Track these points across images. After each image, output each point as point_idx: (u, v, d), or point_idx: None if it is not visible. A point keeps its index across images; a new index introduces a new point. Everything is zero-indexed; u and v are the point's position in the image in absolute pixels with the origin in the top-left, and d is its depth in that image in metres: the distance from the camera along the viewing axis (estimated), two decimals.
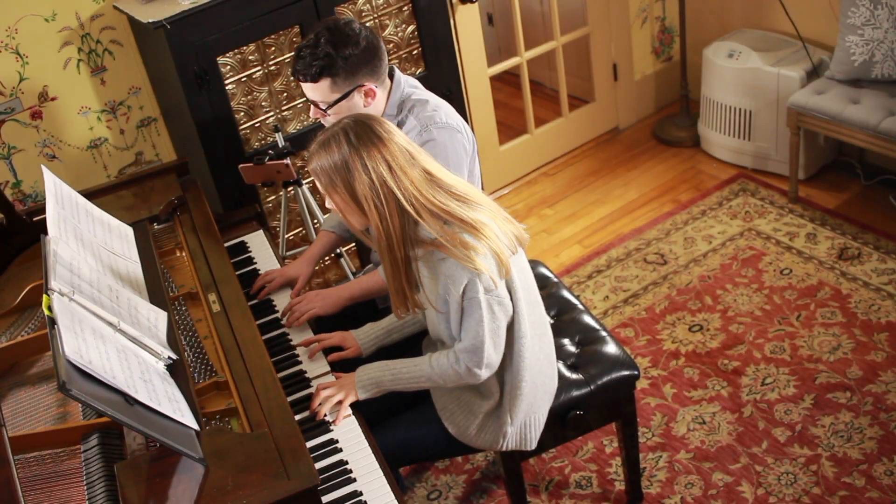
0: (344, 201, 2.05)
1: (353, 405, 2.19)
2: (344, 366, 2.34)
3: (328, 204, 2.11)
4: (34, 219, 2.57)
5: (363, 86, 2.37)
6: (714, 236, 3.77)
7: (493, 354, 2.13)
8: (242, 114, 3.15)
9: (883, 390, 2.96)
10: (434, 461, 3.00)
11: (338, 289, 2.52)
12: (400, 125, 2.45)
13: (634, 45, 4.45)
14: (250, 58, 3.09)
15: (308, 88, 2.39)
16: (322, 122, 2.46)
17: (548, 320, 2.32)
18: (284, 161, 2.95)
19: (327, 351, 2.38)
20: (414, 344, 2.46)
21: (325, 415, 2.16)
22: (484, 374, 2.15)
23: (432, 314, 2.17)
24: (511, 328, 2.16)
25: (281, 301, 2.56)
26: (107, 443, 1.90)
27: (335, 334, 2.37)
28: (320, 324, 2.51)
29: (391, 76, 2.47)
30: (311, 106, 2.44)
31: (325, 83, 2.35)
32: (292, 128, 3.27)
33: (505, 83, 4.78)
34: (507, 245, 2.09)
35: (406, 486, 2.93)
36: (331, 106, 2.38)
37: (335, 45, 2.32)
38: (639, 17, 4.40)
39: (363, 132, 2.01)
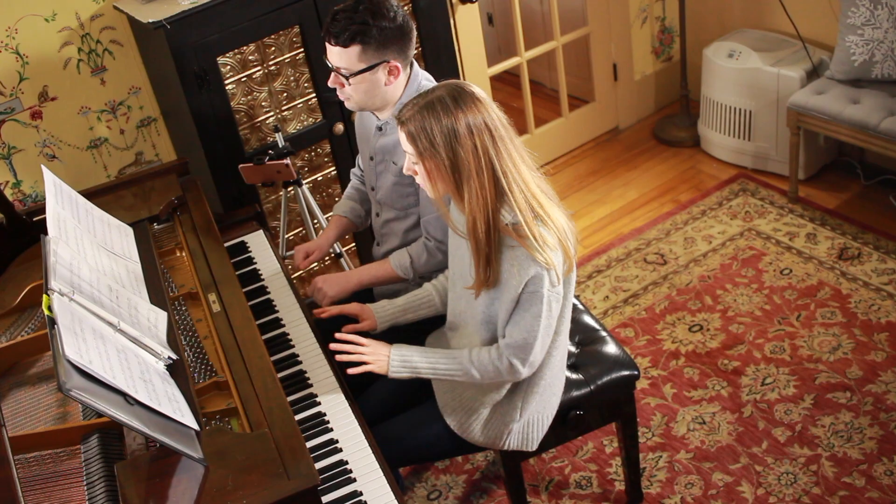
0: (437, 166, 2.00)
1: (353, 406, 2.19)
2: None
3: (406, 170, 2.08)
4: (34, 219, 2.57)
5: (389, 62, 2.35)
6: (714, 236, 3.77)
7: (539, 353, 2.10)
8: (242, 114, 3.15)
9: (883, 390, 2.96)
10: (434, 461, 2.99)
11: (346, 274, 2.55)
12: None
13: (634, 45, 4.45)
14: (250, 58, 3.09)
15: (335, 53, 2.35)
16: (339, 93, 2.43)
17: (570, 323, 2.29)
18: (284, 161, 2.95)
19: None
20: (426, 326, 2.44)
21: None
22: (525, 372, 2.11)
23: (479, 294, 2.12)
24: None
25: (281, 303, 2.56)
26: (107, 443, 1.90)
27: (353, 304, 2.35)
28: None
29: (411, 67, 2.47)
30: (332, 73, 2.40)
31: (354, 50, 2.32)
32: (292, 128, 3.27)
33: (505, 83, 4.78)
34: (572, 243, 2.07)
35: (406, 486, 2.93)
36: (354, 75, 2.35)
37: (373, 14, 2.31)
38: (639, 17, 4.40)
39: (468, 97, 1.98)
